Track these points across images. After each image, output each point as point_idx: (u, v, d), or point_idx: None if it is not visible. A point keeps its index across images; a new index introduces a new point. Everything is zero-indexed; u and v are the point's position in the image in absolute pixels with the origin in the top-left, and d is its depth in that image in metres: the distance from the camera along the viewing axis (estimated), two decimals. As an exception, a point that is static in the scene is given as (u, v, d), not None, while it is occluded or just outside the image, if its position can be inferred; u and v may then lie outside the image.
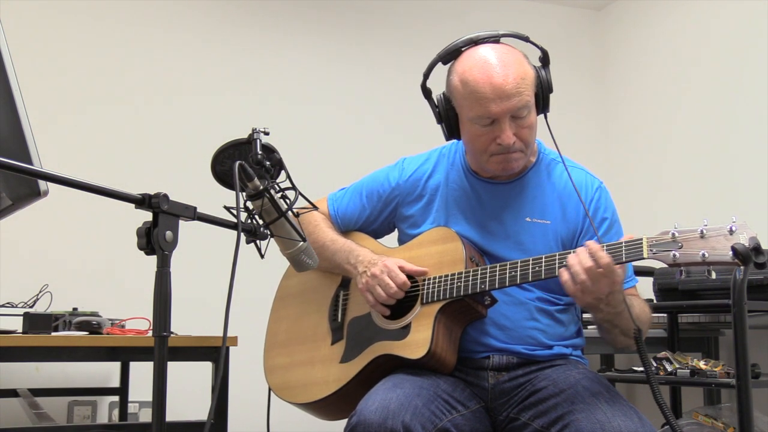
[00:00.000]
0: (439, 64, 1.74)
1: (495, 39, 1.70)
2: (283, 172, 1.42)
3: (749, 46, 3.32)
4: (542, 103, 1.70)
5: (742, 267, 1.36)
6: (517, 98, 1.62)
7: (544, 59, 1.72)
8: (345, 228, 1.97)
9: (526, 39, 1.70)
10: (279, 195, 1.40)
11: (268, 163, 1.37)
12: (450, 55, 1.72)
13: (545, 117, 1.73)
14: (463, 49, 1.71)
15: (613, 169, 4.03)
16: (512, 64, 1.64)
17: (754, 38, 3.29)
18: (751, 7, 3.32)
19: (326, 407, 1.84)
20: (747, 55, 3.33)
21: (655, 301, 2.90)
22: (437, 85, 1.78)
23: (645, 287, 2.98)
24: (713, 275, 1.39)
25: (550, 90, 1.71)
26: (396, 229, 1.96)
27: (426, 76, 1.76)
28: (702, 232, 1.39)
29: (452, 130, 1.75)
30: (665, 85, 3.78)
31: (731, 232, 1.36)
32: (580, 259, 1.49)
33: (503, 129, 1.64)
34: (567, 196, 1.78)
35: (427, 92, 1.77)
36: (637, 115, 3.97)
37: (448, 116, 1.74)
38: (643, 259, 1.45)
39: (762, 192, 3.14)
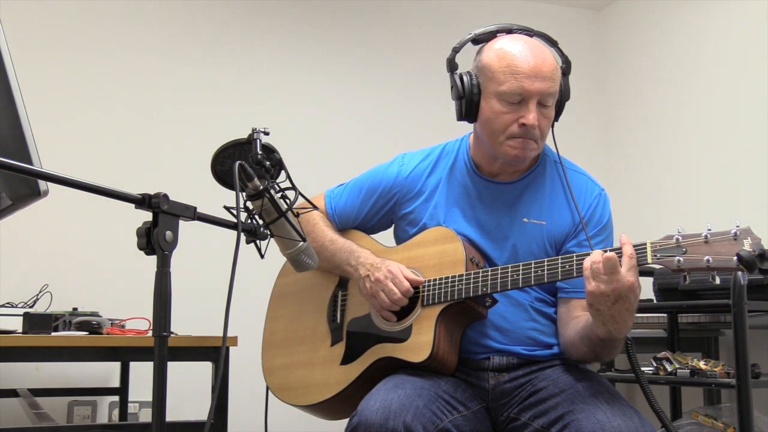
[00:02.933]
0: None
1: (528, 33, 1.75)
2: (283, 172, 1.42)
3: (750, 47, 3.31)
4: (558, 108, 1.73)
5: (747, 273, 1.34)
6: (550, 83, 1.65)
7: (566, 69, 1.76)
8: (342, 226, 1.96)
9: (555, 44, 1.75)
10: (279, 195, 1.40)
11: (268, 163, 1.37)
12: (484, 36, 1.75)
13: (552, 125, 1.74)
14: (498, 33, 1.74)
15: (613, 171, 4.03)
16: (548, 54, 1.70)
17: (755, 39, 3.28)
18: (752, 8, 3.32)
19: (327, 409, 1.84)
20: (748, 55, 3.33)
21: (655, 301, 2.90)
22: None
23: (645, 287, 2.98)
24: (717, 280, 1.38)
25: (567, 97, 1.74)
26: (393, 226, 1.95)
27: (456, 50, 1.78)
28: (706, 237, 1.38)
29: (470, 108, 1.73)
30: (665, 86, 3.78)
31: (735, 237, 1.35)
32: (601, 251, 1.46)
33: (530, 110, 1.65)
34: (566, 199, 1.78)
35: (453, 66, 1.78)
36: (637, 116, 3.97)
37: (471, 92, 1.72)
38: (647, 264, 1.44)
39: (764, 194, 3.14)
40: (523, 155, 1.70)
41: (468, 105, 1.72)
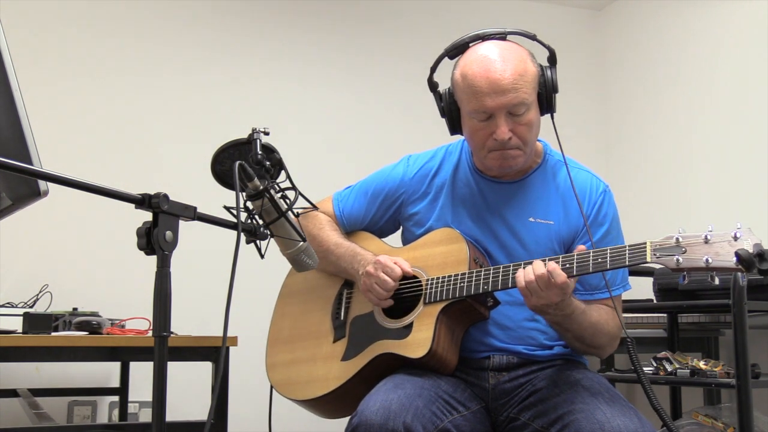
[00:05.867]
0: (447, 58, 1.75)
1: (501, 36, 1.71)
2: (283, 172, 1.42)
3: (750, 46, 3.31)
4: (546, 103, 1.70)
5: (745, 273, 1.35)
6: (512, 94, 1.62)
7: (551, 59, 1.72)
8: (350, 228, 1.97)
9: (533, 37, 1.71)
10: (279, 195, 1.40)
11: (268, 163, 1.37)
12: (456, 50, 1.73)
13: (552, 118, 1.73)
14: (470, 44, 1.72)
15: (612, 171, 4.03)
16: (512, 60, 1.64)
17: (755, 38, 3.28)
18: (752, 7, 3.32)
19: (326, 405, 1.84)
20: (748, 55, 3.33)
21: (655, 301, 2.90)
22: (444, 81, 1.78)
23: (645, 287, 2.98)
24: (716, 281, 1.39)
25: (555, 90, 1.70)
26: (401, 228, 1.96)
27: (433, 69, 1.77)
28: (706, 237, 1.39)
29: (455, 125, 1.76)
30: (665, 86, 3.78)
31: (735, 238, 1.36)
32: (534, 267, 1.53)
33: (498, 124, 1.64)
34: (571, 198, 1.77)
35: (433, 86, 1.78)
36: (637, 116, 3.97)
37: (450, 110, 1.75)
38: (647, 263, 1.45)
39: (765, 193, 3.14)
40: (507, 165, 1.71)
41: (451, 122, 1.77)
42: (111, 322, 2.37)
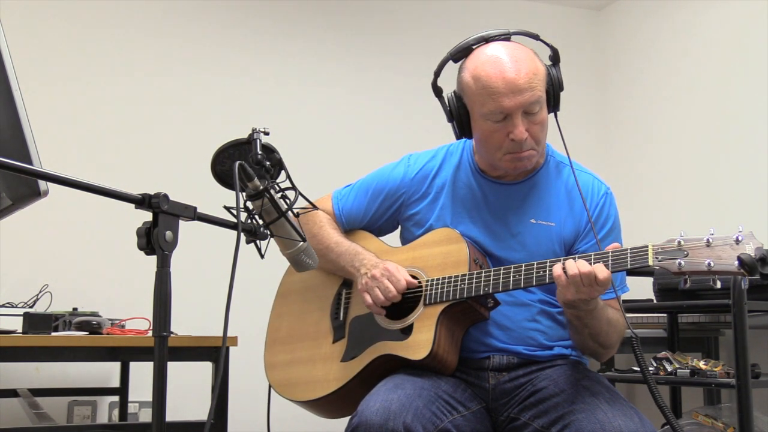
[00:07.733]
0: (450, 62, 1.74)
1: (506, 37, 1.71)
2: (283, 172, 1.42)
3: (750, 46, 3.31)
4: (553, 101, 1.70)
5: (748, 277, 1.35)
6: (529, 93, 1.62)
7: (555, 57, 1.72)
8: (350, 227, 1.96)
9: (536, 37, 1.71)
10: (279, 195, 1.40)
11: (268, 163, 1.37)
12: (461, 53, 1.72)
13: (555, 116, 1.73)
14: (474, 47, 1.71)
15: (613, 171, 4.03)
16: (524, 59, 1.65)
17: (755, 38, 3.28)
18: (752, 7, 3.32)
19: (326, 405, 1.84)
20: (748, 54, 3.33)
21: (655, 301, 2.90)
22: (445, 85, 1.78)
23: (645, 287, 2.98)
24: (718, 284, 1.39)
25: (561, 88, 1.71)
26: (399, 227, 1.95)
27: (437, 74, 1.76)
28: (708, 241, 1.39)
29: (463, 129, 1.75)
30: (665, 86, 3.78)
31: (737, 241, 1.36)
32: (578, 264, 1.50)
33: (516, 124, 1.64)
34: (573, 199, 1.77)
35: (437, 91, 1.77)
36: (637, 116, 3.97)
37: (459, 114, 1.73)
38: (648, 266, 1.45)
39: (764, 193, 3.14)
40: (522, 165, 1.71)
41: (460, 126, 1.75)
42: (111, 322, 2.37)
